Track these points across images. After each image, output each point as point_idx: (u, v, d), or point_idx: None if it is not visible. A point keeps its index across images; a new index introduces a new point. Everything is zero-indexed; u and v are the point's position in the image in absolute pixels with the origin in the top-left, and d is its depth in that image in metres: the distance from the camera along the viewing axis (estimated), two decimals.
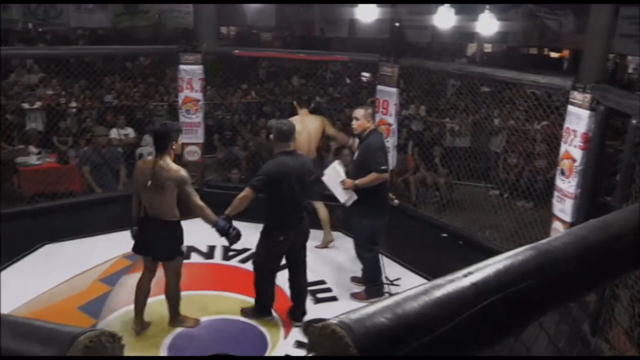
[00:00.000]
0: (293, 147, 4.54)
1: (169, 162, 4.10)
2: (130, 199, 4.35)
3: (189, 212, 4.27)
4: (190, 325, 4.52)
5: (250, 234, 4.60)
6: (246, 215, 4.45)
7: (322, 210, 6.07)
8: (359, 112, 4.99)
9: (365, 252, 5.08)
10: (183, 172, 4.13)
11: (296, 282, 4.71)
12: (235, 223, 4.34)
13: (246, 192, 4.35)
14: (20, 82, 10.99)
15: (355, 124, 4.98)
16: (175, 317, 4.51)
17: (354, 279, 5.43)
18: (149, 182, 4.03)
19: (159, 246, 4.25)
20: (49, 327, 0.72)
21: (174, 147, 4.17)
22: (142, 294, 4.42)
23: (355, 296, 5.17)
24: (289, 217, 4.45)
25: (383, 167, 4.80)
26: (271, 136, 4.73)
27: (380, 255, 5.14)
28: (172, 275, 4.35)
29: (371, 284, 5.13)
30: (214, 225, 4.22)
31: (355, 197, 4.90)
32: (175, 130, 4.24)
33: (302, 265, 4.70)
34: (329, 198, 5.26)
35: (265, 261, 4.59)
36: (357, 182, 4.83)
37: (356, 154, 5.13)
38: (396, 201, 5.14)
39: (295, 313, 4.74)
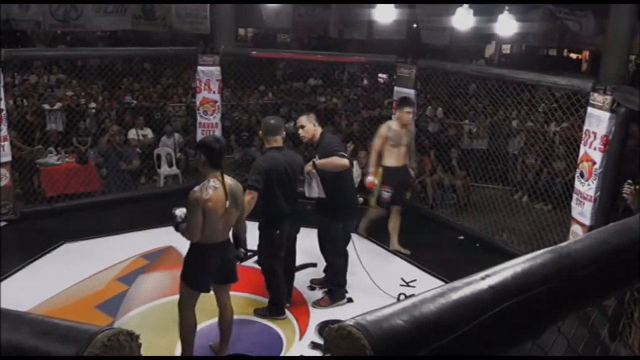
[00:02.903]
0: (281, 143, 4.59)
1: (226, 175, 3.87)
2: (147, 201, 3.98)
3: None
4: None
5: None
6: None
7: (394, 218, 6.12)
8: (303, 120, 4.84)
9: (336, 257, 4.99)
10: None
11: (287, 269, 4.88)
12: None
13: (251, 194, 4.33)
14: (41, 83, 11.14)
15: (302, 132, 4.82)
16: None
17: (313, 281, 5.41)
18: (227, 203, 3.71)
19: (234, 265, 4.01)
20: (68, 325, 0.73)
21: None
22: (193, 335, 4.03)
23: (318, 303, 5.03)
24: (283, 211, 4.55)
25: (343, 153, 4.65)
26: (260, 132, 4.73)
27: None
28: (229, 300, 4.11)
29: (336, 287, 5.04)
30: (244, 240, 4.10)
31: (316, 186, 4.75)
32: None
33: (292, 254, 4.90)
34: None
35: (267, 255, 4.72)
36: (317, 161, 4.69)
37: (316, 158, 4.88)
38: (360, 199, 5.11)
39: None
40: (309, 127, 4.79)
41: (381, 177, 5.89)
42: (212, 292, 4.06)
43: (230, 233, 4.00)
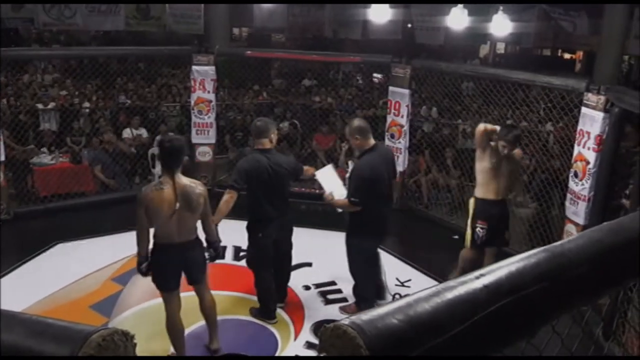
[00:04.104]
0: (269, 145, 4.49)
1: (187, 178, 3.86)
2: None
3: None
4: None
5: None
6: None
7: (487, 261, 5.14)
8: (346, 133, 4.71)
9: (351, 265, 4.86)
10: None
11: (281, 273, 4.86)
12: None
13: (230, 193, 4.35)
14: (35, 83, 11.08)
15: (352, 146, 4.73)
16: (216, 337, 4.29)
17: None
18: (177, 205, 3.68)
19: (199, 267, 4.00)
20: (62, 325, 0.73)
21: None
22: (181, 334, 4.07)
23: (345, 309, 4.95)
24: (267, 214, 4.50)
25: (354, 200, 4.44)
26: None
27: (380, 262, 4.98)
28: (209, 291, 4.15)
29: (362, 300, 4.85)
30: (213, 243, 4.07)
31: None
32: (184, 144, 4.00)
33: (286, 257, 4.87)
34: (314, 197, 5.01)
35: (253, 257, 4.73)
36: (333, 200, 4.64)
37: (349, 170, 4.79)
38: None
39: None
40: (352, 141, 4.61)
41: (474, 211, 5.08)
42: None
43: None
